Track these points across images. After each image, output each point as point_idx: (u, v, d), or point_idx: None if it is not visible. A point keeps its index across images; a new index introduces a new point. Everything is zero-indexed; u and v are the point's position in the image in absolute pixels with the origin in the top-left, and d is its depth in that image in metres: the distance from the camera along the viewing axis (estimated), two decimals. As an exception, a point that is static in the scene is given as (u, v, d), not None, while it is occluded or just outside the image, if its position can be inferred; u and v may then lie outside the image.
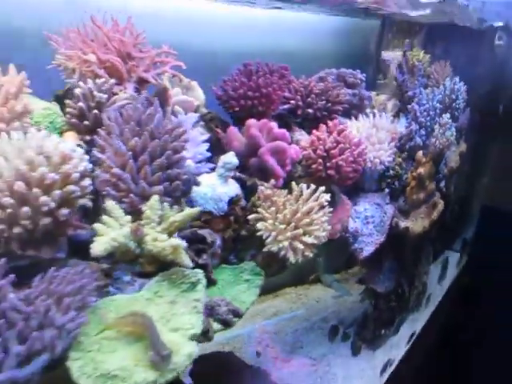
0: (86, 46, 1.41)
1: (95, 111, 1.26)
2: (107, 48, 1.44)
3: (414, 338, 2.60)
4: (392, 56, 2.50)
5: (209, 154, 1.36)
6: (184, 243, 0.99)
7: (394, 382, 2.26)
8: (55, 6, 1.62)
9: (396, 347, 2.42)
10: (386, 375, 2.26)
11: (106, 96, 1.28)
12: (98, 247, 0.93)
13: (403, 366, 2.39)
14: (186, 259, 1.01)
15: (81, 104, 1.27)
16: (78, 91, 1.29)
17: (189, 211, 1.04)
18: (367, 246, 1.78)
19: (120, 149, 1.13)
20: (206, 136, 1.37)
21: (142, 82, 1.47)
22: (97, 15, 1.41)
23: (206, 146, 1.35)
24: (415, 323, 2.68)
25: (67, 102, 1.29)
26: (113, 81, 1.34)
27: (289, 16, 2.20)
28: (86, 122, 1.27)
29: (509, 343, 2.85)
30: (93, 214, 1.15)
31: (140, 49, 1.49)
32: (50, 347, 0.81)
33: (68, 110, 1.28)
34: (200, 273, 1.03)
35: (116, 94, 1.36)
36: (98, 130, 1.17)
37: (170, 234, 1.02)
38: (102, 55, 1.40)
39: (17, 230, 0.92)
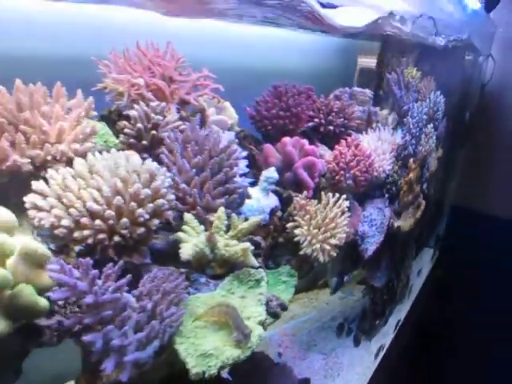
0: (132, 70, 1.56)
1: (153, 132, 1.42)
2: (151, 72, 1.60)
3: (399, 325, 2.90)
4: (366, 61, 2.77)
5: (248, 170, 1.47)
6: (251, 246, 1.19)
7: (384, 363, 2.55)
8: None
9: (386, 334, 2.70)
10: (379, 358, 2.54)
11: (162, 118, 1.44)
12: (186, 252, 1.10)
13: (391, 349, 2.69)
14: (252, 260, 1.20)
15: (139, 125, 1.42)
16: (134, 113, 1.44)
17: (254, 219, 1.23)
18: (371, 246, 1.98)
19: (185, 166, 1.31)
20: (245, 153, 1.52)
21: (182, 104, 1.64)
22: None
23: (246, 162, 1.47)
24: (400, 312, 2.98)
25: (123, 123, 1.44)
26: (164, 103, 1.50)
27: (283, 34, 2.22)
28: (144, 142, 1.43)
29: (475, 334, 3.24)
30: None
31: (180, 72, 1.65)
32: (162, 335, 0.99)
33: (126, 130, 1.41)
34: (262, 271, 1.22)
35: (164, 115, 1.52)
36: (162, 149, 1.34)
37: (238, 240, 1.21)
38: (149, 79, 1.56)
39: (116, 238, 1.08)
